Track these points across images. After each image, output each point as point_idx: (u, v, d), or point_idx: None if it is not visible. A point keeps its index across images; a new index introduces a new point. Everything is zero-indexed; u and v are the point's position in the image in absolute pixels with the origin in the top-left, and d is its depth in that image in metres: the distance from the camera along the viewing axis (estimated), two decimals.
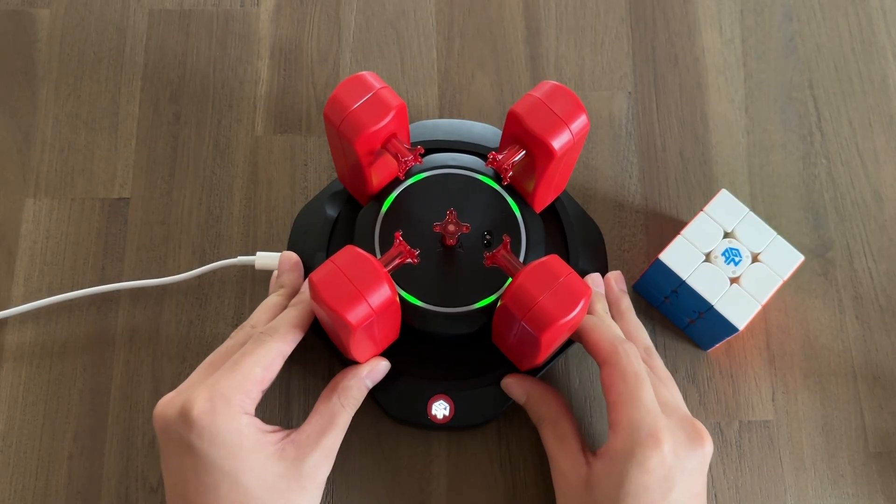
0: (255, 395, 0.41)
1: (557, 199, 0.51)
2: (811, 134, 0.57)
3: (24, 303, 0.51)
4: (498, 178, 0.48)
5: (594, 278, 0.49)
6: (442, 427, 0.48)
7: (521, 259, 0.47)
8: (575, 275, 0.42)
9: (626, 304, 0.49)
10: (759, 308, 0.47)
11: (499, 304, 0.43)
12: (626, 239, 0.55)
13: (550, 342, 0.42)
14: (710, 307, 0.47)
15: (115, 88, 0.57)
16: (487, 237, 0.47)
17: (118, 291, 0.52)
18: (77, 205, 0.54)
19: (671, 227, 0.55)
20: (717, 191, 0.50)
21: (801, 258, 0.48)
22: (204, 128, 0.56)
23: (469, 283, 0.46)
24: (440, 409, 0.48)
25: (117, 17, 0.58)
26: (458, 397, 0.48)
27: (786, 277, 0.47)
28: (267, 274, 0.53)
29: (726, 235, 0.48)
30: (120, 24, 0.58)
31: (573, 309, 0.41)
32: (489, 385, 0.49)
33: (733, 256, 0.47)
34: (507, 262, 0.44)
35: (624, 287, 0.50)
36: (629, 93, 0.58)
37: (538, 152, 0.44)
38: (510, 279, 0.43)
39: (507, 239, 0.44)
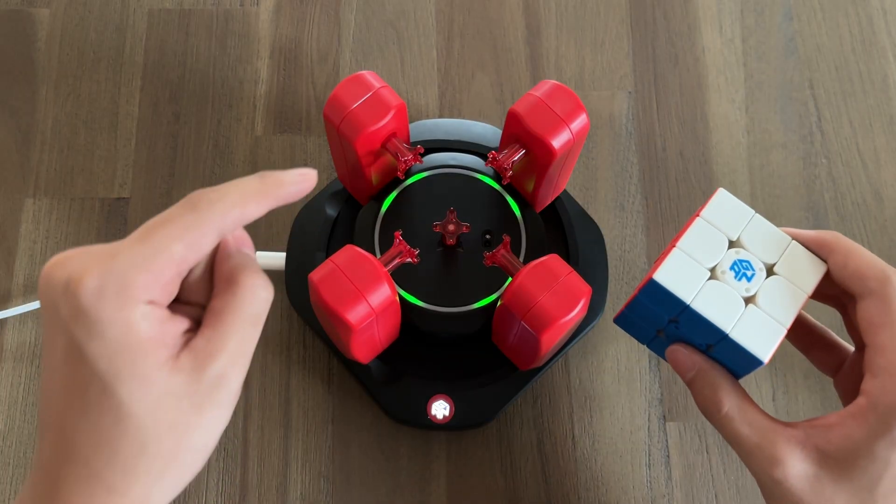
0: (166, 279, 0.30)
1: (557, 198, 0.51)
2: (811, 134, 0.57)
3: (24, 303, 0.52)
4: (498, 177, 0.48)
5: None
6: (442, 427, 0.48)
7: (521, 259, 0.47)
8: (575, 274, 0.42)
9: None
10: (784, 333, 0.37)
11: (499, 303, 0.43)
12: (627, 239, 0.55)
13: (550, 342, 0.42)
14: (723, 336, 0.37)
15: (115, 88, 0.57)
16: (487, 237, 0.47)
17: None
18: (77, 204, 0.54)
19: (672, 227, 0.55)
20: (716, 190, 0.42)
21: (823, 267, 0.38)
22: (203, 127, 0.56)
23: (469, 282, 0.46)
24: (440, 409, 0.48)
25: (117, 17, 0.58)
26: (458, 397, 0.48)
27: (810, 292, 0.38)
28: (267, 274, 0.52)
29: (731, 244, 0.39)
30: (119, 23, 0.58)
31: (573, 308, 0.41)
32: (489, 385, 0.49)
33: (744, 270, 0.38)
34: (507, 262, 0.44)
35: None
36: (629, 93, 0.58)
37: (538, 152, 0.44)
38: (510, 279, 0.43)
39: (506, 238, 0.44)
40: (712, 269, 0.38)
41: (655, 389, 0.51)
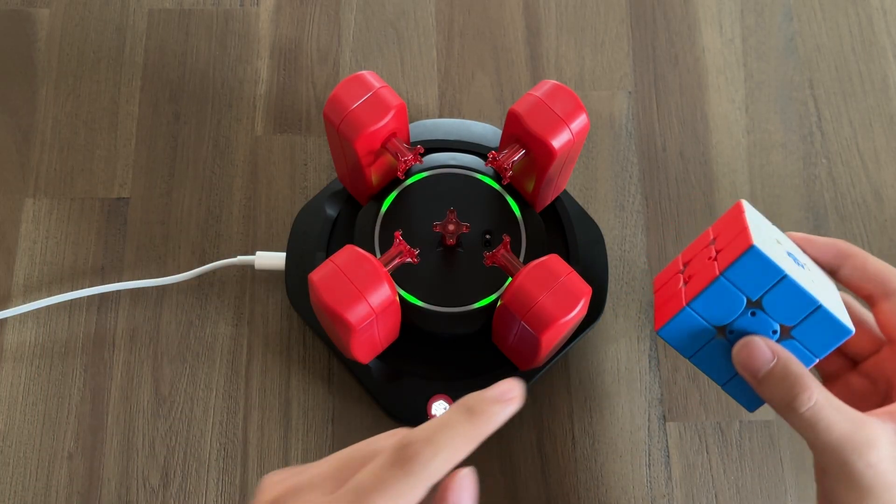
0: None
1: (557, 198, 0.51)
2: (811, 134, 0.57)
3: (23, 303, 0.52)
4: (498, 177, 0.49)
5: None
6: None
7: (521, 259, 0.47)
8: (575, 274, 0.42)
9: None
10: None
11: (499, 303, 0.44)
12: (627, 239, 0.55)
13: (550, 342, 0.42)
14: (817, 306, 0.36)
15: (115, 88, 0.57)
16: (487, 237, 0.47)
17: (118, 291, 0.52)
18: (77, 205, 0.54)
19: (671, 226, 0.55)
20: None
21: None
22: (203, 127, 0.56)
23: (469, 282, 0.46)
24: (440, 409, 0.48)
25: (117, 17, 0.58)
26: (458, 397, 0.46)
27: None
28: (267, 274, 0.53)
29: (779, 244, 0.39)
30: (119, 23, 0.58)
31: (573, 308, 0.41)
32: (489, 384, 0.48)
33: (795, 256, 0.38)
34: (507, 262, 0.44)
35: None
36: (629, 93, 0.58)
37: (538, 152, 0.44)
38: (510, 279, 0.43)
39: (506, 238, 0.45)
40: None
41: (655, 389, 0.52)
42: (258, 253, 0.52)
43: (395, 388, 0.49)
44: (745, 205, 0.39)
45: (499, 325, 0.45)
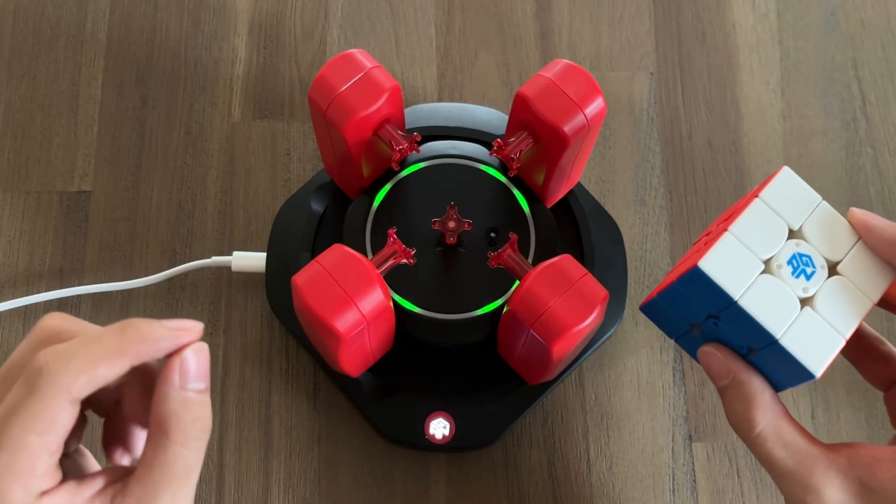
0: (45, 466, 0.30)
1: (570, 192, 0.51)
2: (855, 120, 0.57)
3: None
4: (504, 168, 0.49)
5: None
6: (441, 448, 0.49)
7: (530, 260, 0.47)
8: (590, 277, 0.42)
9: None
10: (842, 344, 0.36)
11: (505, 309, 0.44)
12: (648, 238, 0.55)
13: (562, 352, 0.42)
14: (772, 341, 0.36)
15: (75, 69, 0.57)
16: (492, 235, 0.47)
17: (78, 296, 0.52)
18: (32, 199, 0.54)
19: (698, 224, 0.55)
20: (779, 168, 0.40)
21: (894, 272, 0.38)
22: (174, 113, 0.56)
23: (471, 286, 0.47)
24: (439, 427, 0.48)
25: None
26: (460, 415, 0.48)
27: (876, 299, 0.37)
28: (245, 276, 0.53)
29: (791, 234, 0.38)
30: None
31: (588, 315, 0.41)
32: (494, 401, 0.49)
33: (804, 266, 0.37)
34: (514, 263, 0.44)
35: None
36: (651, 74, 0.58)
37: (549, 140, 0.44)
38: (517, 282, 0.43)
39: (513, 237, 0.44)
40: (767, 262, 0.37)
41: (680, 406, 0.52)
42: (235, 253, 0.52)
43: (389, 405, 0.49)
44: (780, 176, 0.38)
45: (505, 333, 0.45)
